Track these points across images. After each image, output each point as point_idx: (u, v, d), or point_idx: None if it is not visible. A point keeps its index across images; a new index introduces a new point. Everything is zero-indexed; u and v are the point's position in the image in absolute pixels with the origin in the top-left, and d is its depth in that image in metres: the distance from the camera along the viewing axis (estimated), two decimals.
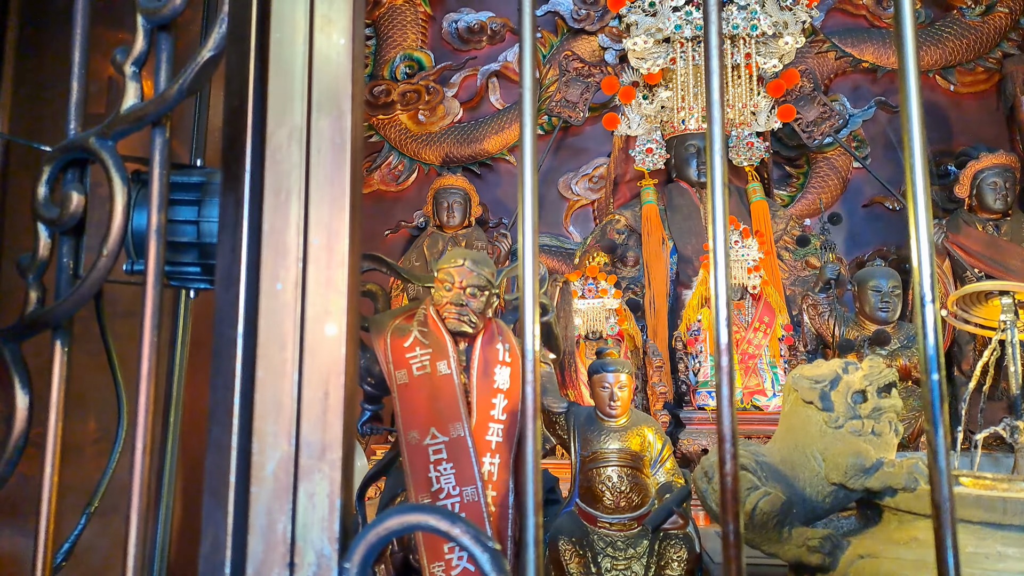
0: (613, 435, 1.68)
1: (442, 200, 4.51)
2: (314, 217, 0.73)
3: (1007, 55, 4.82)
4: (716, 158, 0.82)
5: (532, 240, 0.76)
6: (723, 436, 0.68)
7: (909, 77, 0.76)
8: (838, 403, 1.23)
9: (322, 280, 0.72)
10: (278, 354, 0.71)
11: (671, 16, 3.78)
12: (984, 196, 4.12)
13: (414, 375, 1.39)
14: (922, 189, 0.69)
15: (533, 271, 0.75)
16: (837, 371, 1.25)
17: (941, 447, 0.61)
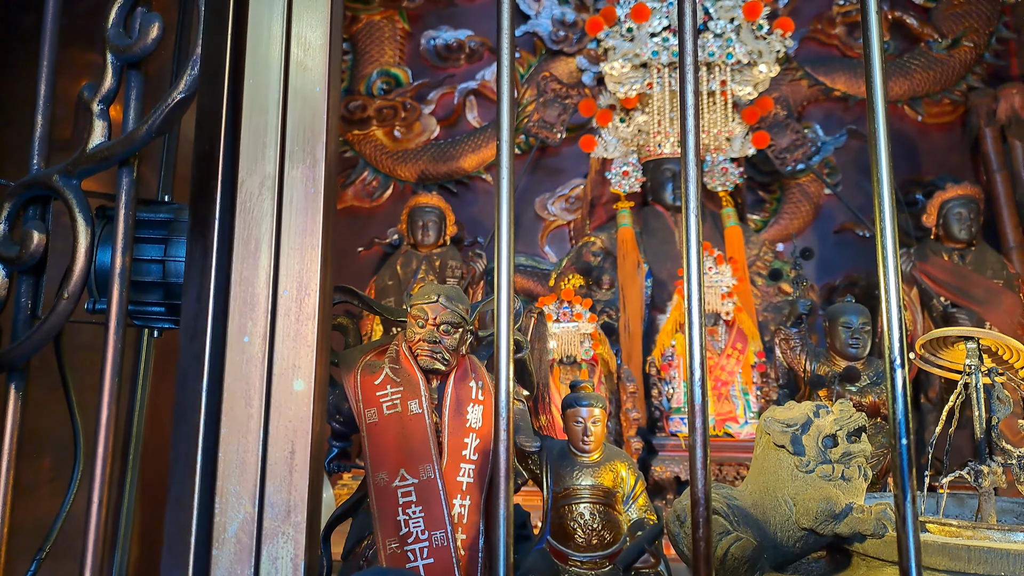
0: (586, 471, 1.67)
1: (417, 219, 4.49)
2: (285, 268, 0.71)
3: (972, 88, 4.95)
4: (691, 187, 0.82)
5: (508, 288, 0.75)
6: (696, 500, 0.67)
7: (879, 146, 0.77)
8: (809, 447, 1.24)
9: (291, 334, 0.70)
10: (243, 409, 0.69)
11: (648, 42, 3.83)
12: (950, 226, 4.21)
13: (384, 414, 1.37)
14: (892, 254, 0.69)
15: (508, 312, 0.74)
16: (808, 414, 1.26)
17: (909, 513, 0.61)
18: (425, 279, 4.50)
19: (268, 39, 0.75)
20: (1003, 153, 4.73)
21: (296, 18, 0.75)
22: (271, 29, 0.74)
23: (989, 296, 4.07)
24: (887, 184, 0.68)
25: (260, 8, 0.75)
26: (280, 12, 0.74)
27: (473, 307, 1.53)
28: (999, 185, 4.67)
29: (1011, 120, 4.72)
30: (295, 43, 0.75)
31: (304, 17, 0.74)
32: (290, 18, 0.75)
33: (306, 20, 0.74)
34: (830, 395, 2.26)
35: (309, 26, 0.74)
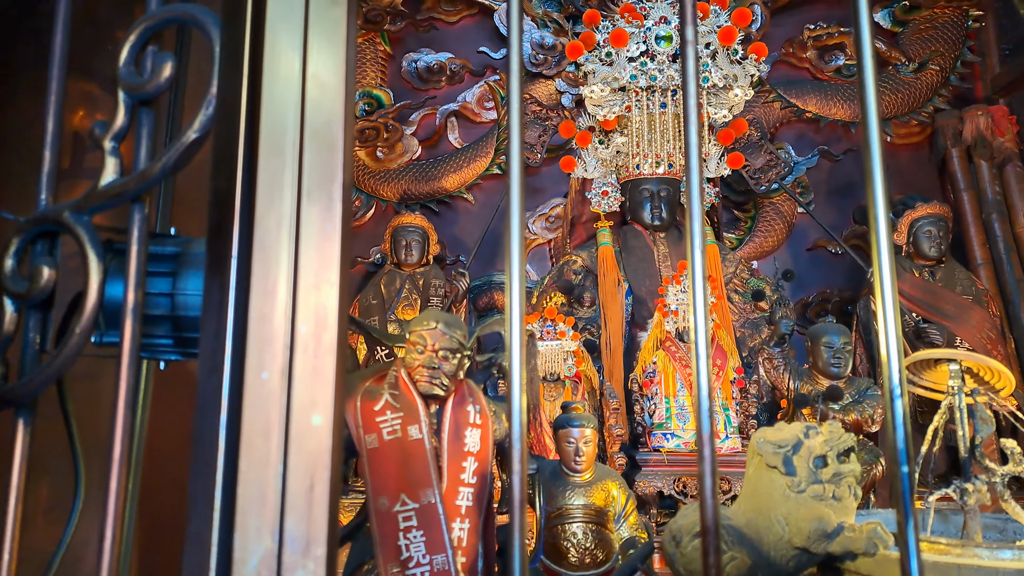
0: (578, 491, 1.69)
1: (400, 238, 4.50)
2: (302, 304, 0.73)
3: (938, 110, 5.11)
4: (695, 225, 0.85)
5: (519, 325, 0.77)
6: (706, 528, 0.69)
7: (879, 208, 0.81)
8: (800, 468, 1.27)
9: (309, 369, 0.71)
10: (262, 444, 0.70)
11: (627, 66, 3.90)
12: (920, 244, 4.33)
13: (384, 439, 1.38)
14: (889, 287, 0.73)
15: (520, 352, 0.76)
16: (799, 436, 1.30)
17: (912, 540, 0.64)
18: (409, 298, 4.51)
19: (284, 79, 0.77)
20: (969, 173, 4.89)
21: (312, 58, 0.77)
22: (287, 70, 0.77)
23: (959, 312, 4.18)
24: (883, 221, 0.72)
25: (276, 49, 0.77)
26: (296, 53, 0.77)
27: (470, 332, 1.55)
28: (966, 204, 4.82)
29: (976, 141, 4.88)
30: (311, 83, 0.77)
31: (320, 58, 0.77)
32: (306, 58, 0.77)
33: (322, 61, 0.76)
34: (814, 413, 2.32)
35: (325, 66, 0.76)
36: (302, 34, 0.78)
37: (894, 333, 0.73)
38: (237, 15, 0.81)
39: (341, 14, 0.79)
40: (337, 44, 0.78)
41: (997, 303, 4.43)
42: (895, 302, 0.72)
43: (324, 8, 0.78)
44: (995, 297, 4.45)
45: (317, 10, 0.78)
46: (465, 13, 5.29)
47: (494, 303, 5.06)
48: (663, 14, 4.01)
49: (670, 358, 3.51)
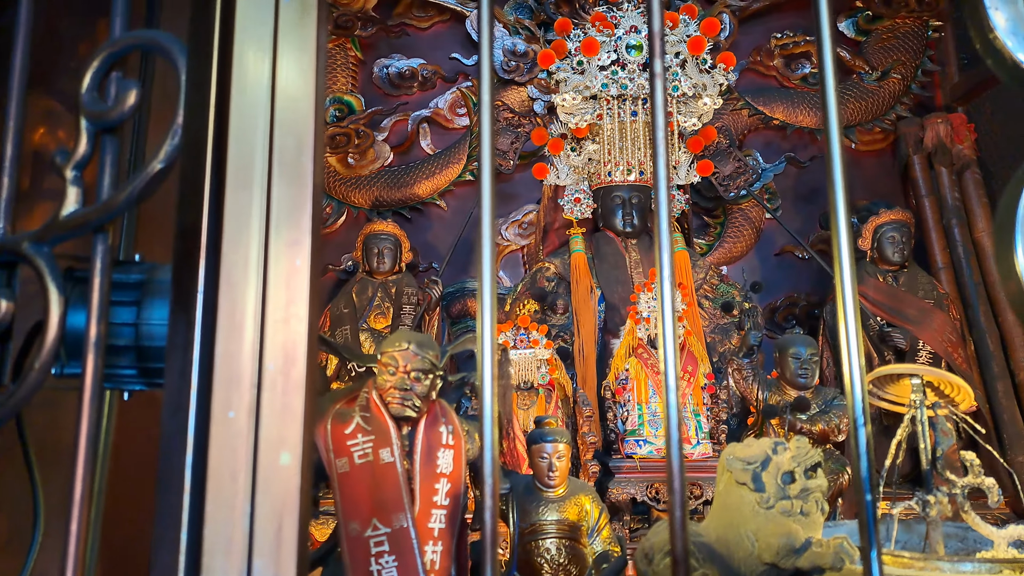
0: (551, 506, 1.70)
1: (372, 246, 4.47)
2: (270, 341, 0.72)
3: (901, 117, 5.23)
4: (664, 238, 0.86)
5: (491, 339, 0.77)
6: (677, 560, 0.70)
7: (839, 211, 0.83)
8: (769, 484, 1.29)
9: (277, 407, 0.71)
10: (229, 485, 0.69)
11: (598, 75, 3.93)
12: (884, 249, 4.42)
13: (355, 463, 1.37)
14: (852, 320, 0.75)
15: (492, 361, 0.76)
16: (767, 452, 1.32)
17: (876, 568, 0.66)
18: (381, 306, 4.48)
19: (253, 109, 0.76)
20: (930, 179, 5.00)
21: (281, 88, 0.76)
22: (256, 99, 0.76)
23: (921, 316, 4.28)
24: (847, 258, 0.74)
25: (244, 78, 0.76)
26: (265, 82, 0.76)
27: (442, 351, 1.55)
28: (927, 209, 4.93)
29: (937, 148, 4.99)
30: (280, 114, 0.76)
31: (290, 87, 0.76)
32: (275, 88, 0.76)
33: (292, 90, 0.76)
34: (782, 424, 2.36)
35: (295, 97, 0.75)
36: (271, 63, 0.77)
37: (856, 362, 0.74)
38: (203, 42, 0.80)
39: (311, 41, 0.78)
40: (307, 73, 0.77)
41: (957, 306, 4.54)
42: (858, 331, 0.74)
43: (294, 36, 0.78)
44: (955, 300, 4.56)
45: (286, 38, 0.78)
46: (437, 19, 5.28)
47: (467, 310, 5.05)
48: (633, 23, 4.05)
49: (642, 365, 3.54)
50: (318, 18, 0.79)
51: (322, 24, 0.79)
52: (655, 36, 0.83)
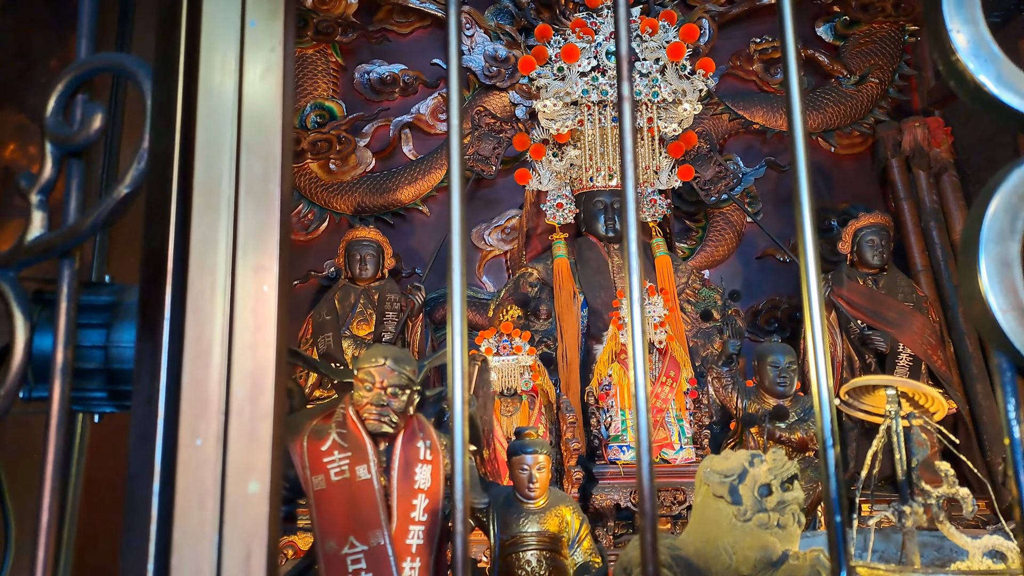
0: (532, 517, 1.70)
1: (354, 252, 4.46)
2: (238, 368, 0.71)
3: (879, 121, 5.29)
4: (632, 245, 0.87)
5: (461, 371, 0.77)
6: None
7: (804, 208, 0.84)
8: (746, 497, 1.30)
9: (245, 434, 0.70)
10: (197, 513, 0.69)
11: (578, 81, 3.94)
12: (863, 252, 4.46)
13: (332, 480, 1.36)
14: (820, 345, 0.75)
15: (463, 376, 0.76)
16: (744, 464, 1.33)
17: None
18: (363, 313, 4.46)
19: (219, 134, 0.75)
20: (909, 182, 5.07)
21: (248, 113, 0.76)
22: (222, 123, 0.75)
23: (901, 318, 4.32)
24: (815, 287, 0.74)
25: (210, 101, 0.76)
26: (231, 106, 0.75)
27: (420, 366, 1.54)
28: (906, 212, 5.00)
29: (914, 151, 5.06)
30: (247, 137, 0.76)
31: (257, 113, 0.75)
32: (241, 113, 0.76)
33: (259, 116, 0.75)
34: (761, 432, 2.37)
35: (262, 122, 0.75)
36: (237, 85, 0.77)
37: (825, 384, 0.75)
38: (168, 65, 0.79)
39: (278, 63, 0.78)
40: (275, 96, 0.77)
41: (936, 309, 4.59)
42: (826, 354, 0.74)
43: (260, 58, 0.77)
44: (934, 303, 4.62)
45: (253, 60, 0.77)
46: (418, 25, 5.27)
47: None
48: (613, 29, 4.06)
49: (625, 371, 3.55)
50: (285, 39, 0.78)
51: (289, 44, 0.79)
52: (622, 59, 0.83)
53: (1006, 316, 0.75)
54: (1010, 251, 0.78)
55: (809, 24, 5.43)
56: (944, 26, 0.82)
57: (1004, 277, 0.76)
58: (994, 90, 0.79)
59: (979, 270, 0.76)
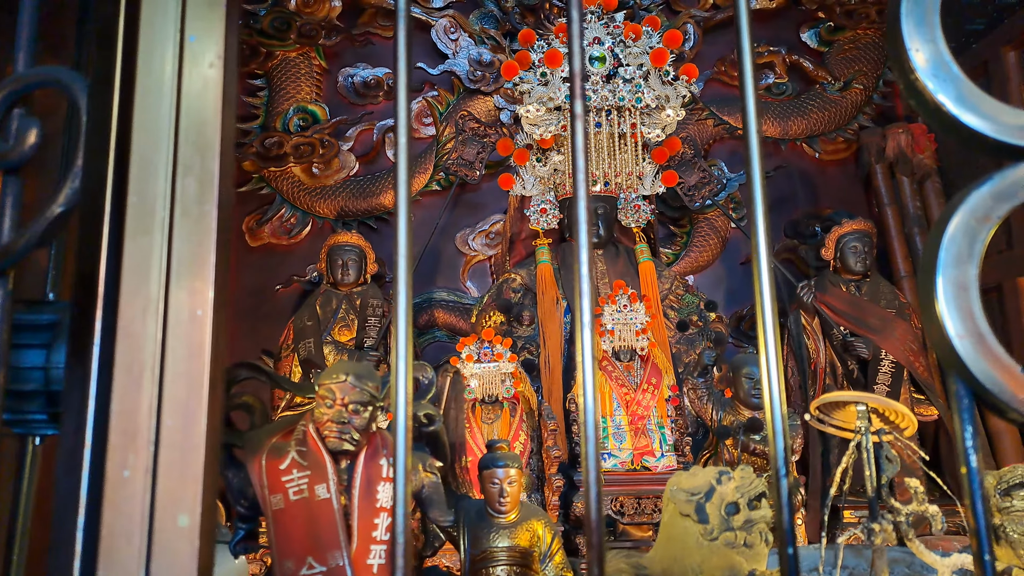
0: (503, 532, 1.67)
1: (336, 258, 4.42)
2: (169, 396, 0.69)
3: (863, 127, 5.30)
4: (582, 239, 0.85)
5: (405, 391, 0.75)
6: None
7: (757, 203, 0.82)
8: (713, 515, 1.28)
9: (176, 466, 0.67)
10: (123, 549, 0.66)
11: (561, 86, 3.93)
12: (846, 259, 4.46)
13: (290, 500, 1.33)
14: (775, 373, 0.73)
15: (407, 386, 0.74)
16: (712, 482, 1.31)
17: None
18: (346, 318, 4.43)
19: (154, 155, 0.73)
20: (892, 188, 5.08)
21: (184, 134, 0.73)
22: (157, 145, 0.73)
23: (883, 325, 4.33)
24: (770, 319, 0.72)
25: (145, 122, 0.73)
26: (167, 127, 0.73)
27: (383, 382, 1.51)
28: (890, 218, 5.01)
29: (898, 157, 5.07)
30: (184, 155, 0.73)
31: (193, 135, 0.73)
32: (178, 133, 0.73)
33: (195, 138, 0.73)
34: (735, 444, 2.36)
35: (199, 143, 0.73)
36: (174, 105, 0.74)
37: (779, 413, 0.73)
38: (105, 81, 0.77)
39: (217, 79, 0.76)
40: (213, 114, 0.74)
41: (919, 315, 4.60)
42: (780, 385, 0.72)
43: (199, 73, 0.75)
44: (917, 309, 4.62)
45: (192, 75, 0.75)
46: None
47: (434, 321, 5.02)
48: (596, 35, 4.05)
49: (607, 377, 3.53)
50: (226, 54, 0.76)
51: (231, 60, 0.77)
52: (575, 76, 0.81)
53: (963, 342, 0.73)
54: (968, 275, 0.77)
55: (794, 30, 5.44)
56: (903, 44, 0.80)
57: (961, 302, 0.75)
58: (953, 110, 0.78)
59: (936, 294, 0.74)
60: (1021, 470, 1.41)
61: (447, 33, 5.15)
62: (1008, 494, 1.38)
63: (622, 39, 4.05)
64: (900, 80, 0.83)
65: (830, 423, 1.56)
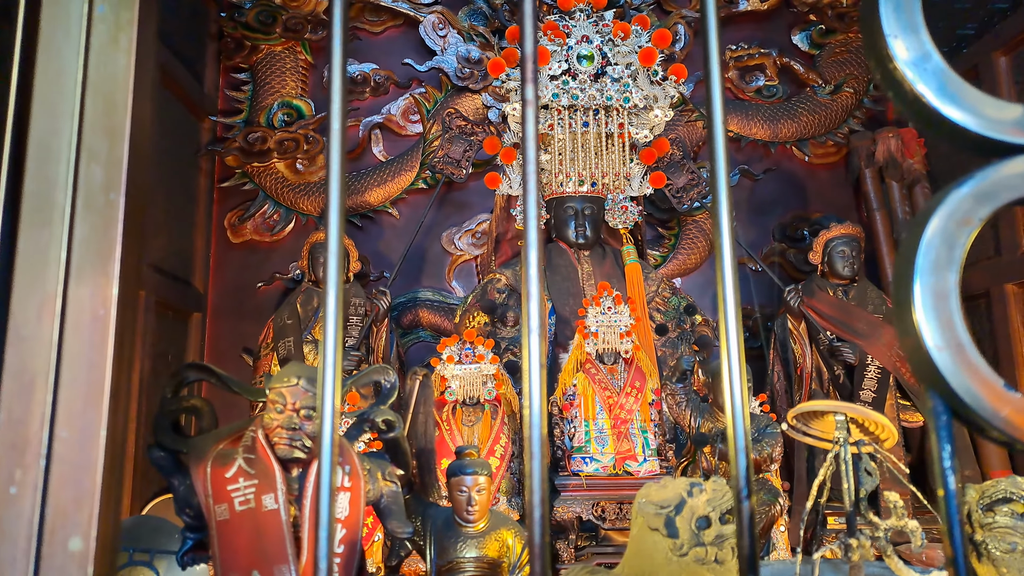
0: (471, 542, 1.61)
1: (318, 256, 4.34)
2: (65, 405, 0.62)
3: (853, 131, 5.27)
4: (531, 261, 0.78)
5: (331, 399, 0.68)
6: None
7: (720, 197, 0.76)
8: (683, 529, 1.22)
9: (69, 483, 0.61)
10: (7, 573, 0.59)
11: (548, 85, 3.87)
12: (834, 263, 4.42)
13: (236, 510, 1.26)
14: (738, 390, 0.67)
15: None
16: (682, 494, 1.25)
17: None
18: None
19: (55, 141, 0.66)
20: (882, 193, 5.05)
21: (90, 118, 0.66)
22: (59, 130, 0.66)
23: (871, 330, 4.28)
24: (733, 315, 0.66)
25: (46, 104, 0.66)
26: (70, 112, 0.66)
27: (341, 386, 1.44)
28: (878, 223, 4.97)
29: (888, 162, 5.04)
30: (87, 144, 0.67)
31: (99, 118, 0.66)
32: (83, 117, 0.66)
33: (101, 120, 0.66)
34: (713, 452, 2.30)
35: (105, 133, 0.66)
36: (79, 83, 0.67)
37: (743, 430, 0.67)
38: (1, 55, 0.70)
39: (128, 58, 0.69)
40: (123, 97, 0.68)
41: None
42: (744, 399, 0.66)
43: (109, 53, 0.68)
44: None
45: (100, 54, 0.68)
46: (390, 24, 5.18)
47: (419, 320, 4.95)
48: (585, 33, 4.00)
49: (590, 380, 3.47)
50: (141, 29, 0.69)
51: (147, 35, 0.70)
52: (527, 59, 0.75)
53: (942, 354, 0.67)
54: (947, 282, 0.71)
55: (785, 32, 5.40)
56: (881, 30, 0.74)
57: (940, 311, 0.69)
58: (935, 102, 0.72)
59: (913, 302, 0.68)
60: (1004, 484, 1.36)
61: (435, 29, 5.09)
62: (991, 509, 1.32)
63: (611, 38, 4.00)
64: (877, 70, 0.77)
65: (808, 433, 1.51)
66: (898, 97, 0.75)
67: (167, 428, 1.28)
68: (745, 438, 0.69)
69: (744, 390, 0.66)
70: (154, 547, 1.67)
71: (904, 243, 0.72)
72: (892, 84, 0.74)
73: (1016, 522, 1.34)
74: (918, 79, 0.73)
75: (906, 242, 0.72)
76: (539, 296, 0.78)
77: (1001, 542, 1.30)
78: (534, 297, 0.75)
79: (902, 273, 0.71)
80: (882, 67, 0.75)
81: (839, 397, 4.17)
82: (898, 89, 0.74)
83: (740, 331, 0.69)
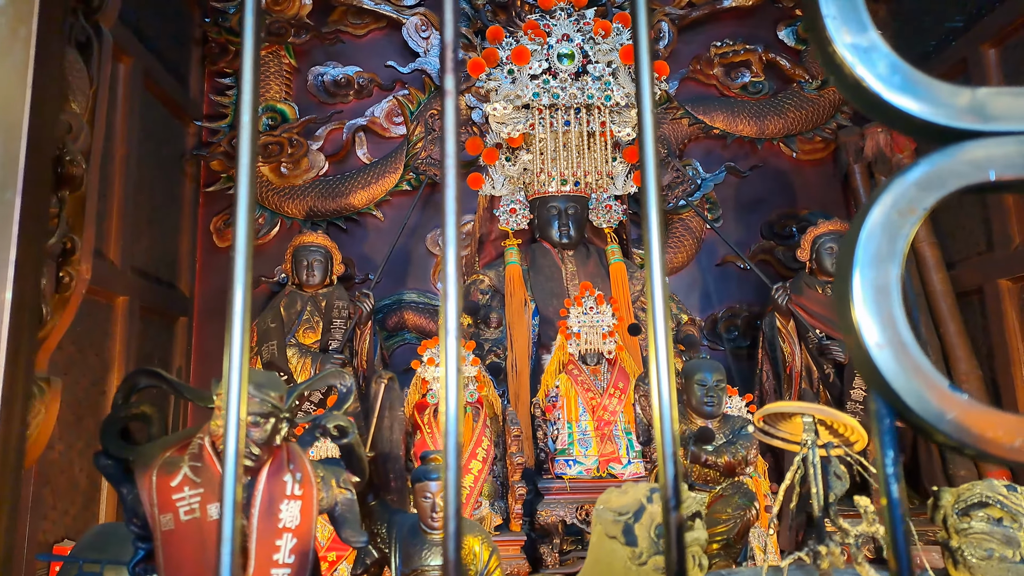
0: (436, 549, 1.57)
1: (302, 258, 4.30)
2: None
3: (841, 126, 5.24)
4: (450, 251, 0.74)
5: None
6: None
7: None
8: (642, 537, 1.19)
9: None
10: None
11: (529, 84, 3.84)
12: (822, 260, 4.40)
13: (181, 520, 1.22)
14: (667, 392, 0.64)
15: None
16: (642, 500, 1.22)
17: None
18: (311, 320, 4.31)
19: None
20: (871, 189, 5.01)
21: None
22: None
23: None
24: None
25: None
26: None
27: (290, 392, 1.41)
28: None
29: (877, 157, 5.01)
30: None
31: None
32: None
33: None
34: (686, 455, 2.27)
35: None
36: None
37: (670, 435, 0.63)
38: None
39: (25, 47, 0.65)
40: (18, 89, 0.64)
41: None
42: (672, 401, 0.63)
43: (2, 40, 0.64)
44: None
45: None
46: (373, 26, 5.14)
47: (404, 323, 4.91)
48: (566, 31, 3.97)
49: (572, 382, 3.44)
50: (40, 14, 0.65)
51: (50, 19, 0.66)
52: (447, 46, 0.72)
53: (883, 352, 0.64)
54: (889, 275, 0.68)
55: (771, 28, 5.38)
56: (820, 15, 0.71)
57: (882, 307, 0.66)
58: (876, 87, 0.68)
59: (851, 298, 0.65)
60: (980, 488, 1.33)
61: (418, 31, 5.06)
62: (966, 514, 1.29)
63: (591, 36, 3.97)
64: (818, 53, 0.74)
65: (776, 435, 1.47)
66: (840, 82, 0.72)
67: (114, 435, 1.24)
68: (674, 444, 0.66)
69: (673, 393, 0.63)
70: (121, 557, 1.64)
71: (845, 235, 0.69)
72: (833, 68, 0.71)
73: (993, 528, 1.30)
74: (858, 62, 0.69)
75: (847, 234, 0.69)
76: (455, 297, 0.74)
77: (977, 548, 1.26)
78: (452, 298, 0.72)
79: (841, 267, 0.67)
80: (823, 51, 0.72)
81: (829, 396, 4.14)
82: (839, 73, 0.71)
83: (669, 330, 0.66)
